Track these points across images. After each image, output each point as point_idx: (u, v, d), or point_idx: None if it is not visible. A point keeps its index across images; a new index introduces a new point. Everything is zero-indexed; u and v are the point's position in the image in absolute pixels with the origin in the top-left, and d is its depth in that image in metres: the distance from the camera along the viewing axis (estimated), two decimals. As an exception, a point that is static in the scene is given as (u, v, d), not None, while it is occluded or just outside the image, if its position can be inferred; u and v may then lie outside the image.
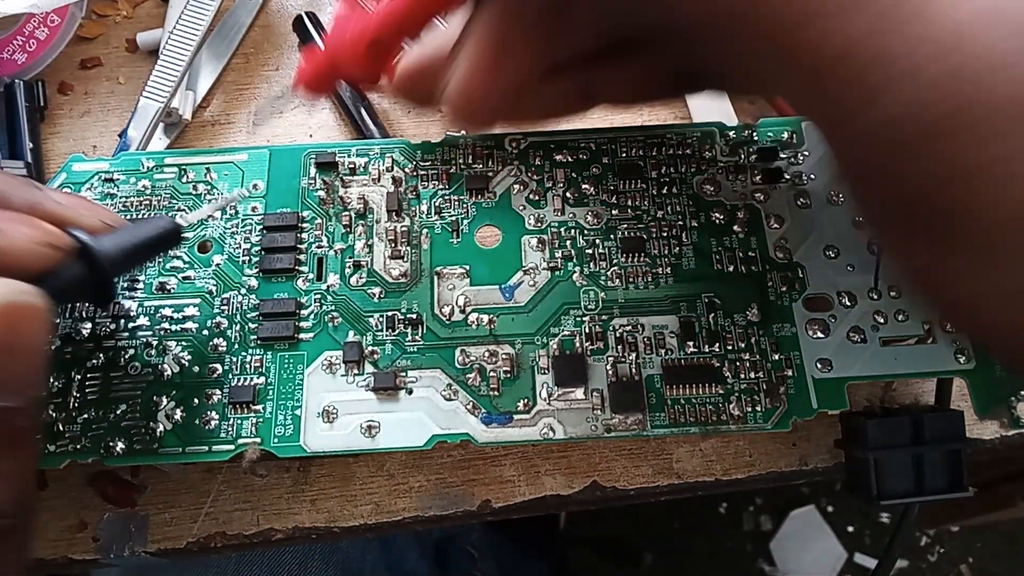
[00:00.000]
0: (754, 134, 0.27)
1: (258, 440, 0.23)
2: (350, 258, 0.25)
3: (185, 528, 0.26)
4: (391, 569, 0.42)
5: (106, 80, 0.35)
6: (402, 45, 0.20)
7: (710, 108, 0.32)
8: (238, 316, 0.24)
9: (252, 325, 0.24)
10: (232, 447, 0.23)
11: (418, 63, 0.22)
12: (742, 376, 0.23)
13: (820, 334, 0.24)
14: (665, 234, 0.25)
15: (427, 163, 0.26)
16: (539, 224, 0.25)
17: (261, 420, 0.23)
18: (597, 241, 0.25)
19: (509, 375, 0.23)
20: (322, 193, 0.26)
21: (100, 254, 0.20)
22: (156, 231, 0.22)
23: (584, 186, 0.26)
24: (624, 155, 0.26)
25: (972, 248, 0.14)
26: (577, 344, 0.24)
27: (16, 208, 0.19)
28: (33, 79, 0.34)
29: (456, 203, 0.26)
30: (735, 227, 0.25)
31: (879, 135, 0.14)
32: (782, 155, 0.26)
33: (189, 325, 0.24)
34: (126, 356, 0.24)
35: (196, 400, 0.23)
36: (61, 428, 0.23)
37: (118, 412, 0.23)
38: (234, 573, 0.39)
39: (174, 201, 0.26)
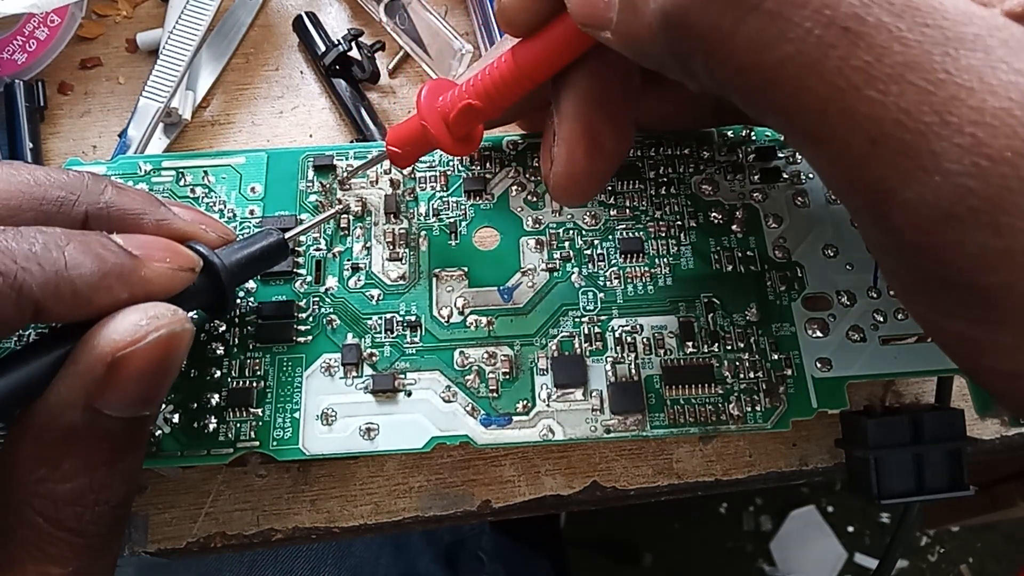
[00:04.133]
0: (752, 133, 0.27)
1: (256, 443, 0.23)
2: (348, 260, 0.25)
3: (185, 528, 0.26)
4: (404, 574, 0.42)
5: (106, 80, 0.35)
6: (491, 113, 0.21)
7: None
8: (236, 319, 0.24)
9: (250, 328, 0.24)
10: (231, 450, 0.23)
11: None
12: (741, 376, 0.23)
13: (819, 333, 0.24)
14: (663, 234, 0.25)
15: (425, 165, 0.26)
16: (537, 225, 0.25)
17: (260, 423, 0.23)
18: (595, 242, 0.25)
19: (508, 376, 0.23)
20: (320, 196, 0.26)
21: (222, 269, 0.21)
22: (266, 245, 0.22)
23: (583, 187, 0.26)
24: (623, 155, 0.26)
25: (1016, 327, 0.14)
26: (576, 345, 0.24)
27: (148, 228, 0.20)
28: (33, 79, 0.34)
29: (454, 205, 0.26)
30: (733, 227, 0.25)
31: (930, 206, 0.13)
32: (780, 154, 0.26)
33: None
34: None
35: (195, 403, 0.23)
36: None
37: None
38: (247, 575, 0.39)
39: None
